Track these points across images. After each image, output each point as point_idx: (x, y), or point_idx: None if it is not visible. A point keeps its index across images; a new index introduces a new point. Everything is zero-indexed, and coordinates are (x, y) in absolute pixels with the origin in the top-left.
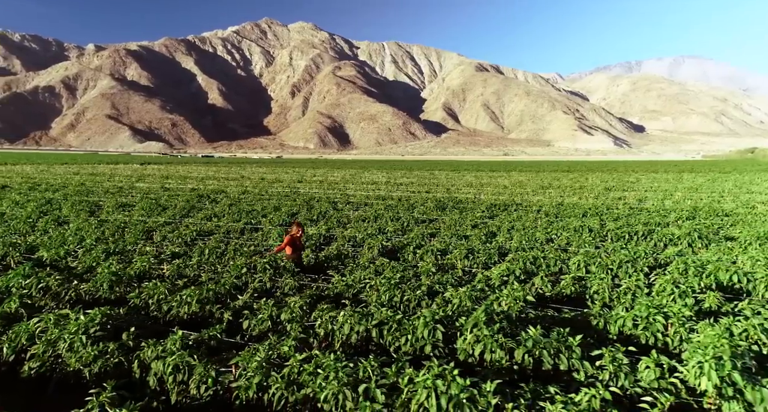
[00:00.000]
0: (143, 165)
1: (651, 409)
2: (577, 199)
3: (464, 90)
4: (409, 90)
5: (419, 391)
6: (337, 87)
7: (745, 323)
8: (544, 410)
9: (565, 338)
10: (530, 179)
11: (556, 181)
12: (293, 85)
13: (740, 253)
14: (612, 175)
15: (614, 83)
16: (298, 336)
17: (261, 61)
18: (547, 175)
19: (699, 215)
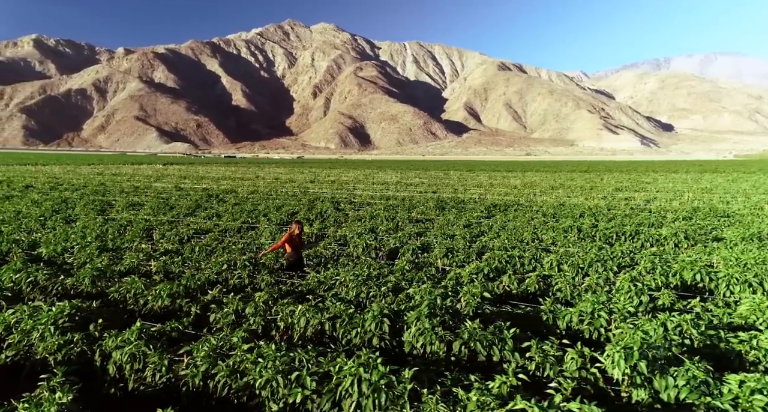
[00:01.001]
0: (165, 165)
1: (555, 393)
2: (584, 199)
3: (486, 89)
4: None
5: (346, 377)
6: (358, 87)
7: (678, 319)
8: (458, 395)
9: (501, 331)
10: (543, 180)
11: (569, 181)
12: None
13: (716, 253)
14: (629, 176)
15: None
16: (249, 328)
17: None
18: (563, 175)
19: (696, 216)
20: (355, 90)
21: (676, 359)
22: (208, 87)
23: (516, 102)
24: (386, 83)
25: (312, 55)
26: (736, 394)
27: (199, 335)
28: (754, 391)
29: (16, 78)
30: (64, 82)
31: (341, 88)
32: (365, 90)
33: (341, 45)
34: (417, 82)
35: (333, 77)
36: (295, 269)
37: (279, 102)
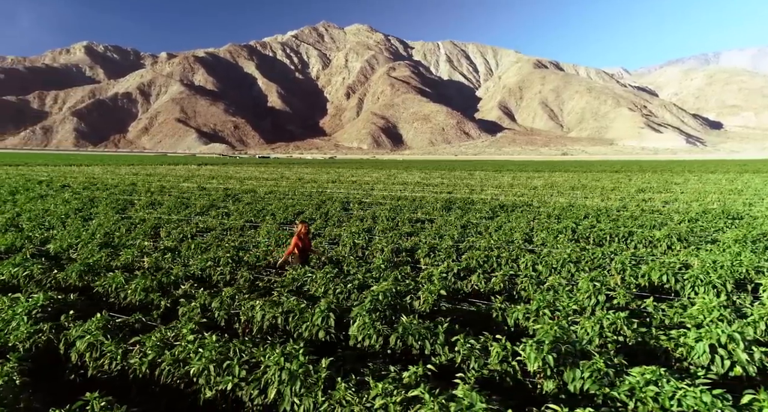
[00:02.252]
0: (200, 166)
1: (462, 383)
2: (599, 200)
3: (521, 88)
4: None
5: (270, 366)
6: (391, 88)
7: (613, 317)
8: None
9: (435, 326)
10: (567, 180)
11: (594, 182)
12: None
13: (701, 255)
14: (661, 176)
15: (688, 77)
16: (200, 320)
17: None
18: (590, 175)
19: (704, 218)
20: (388, 90)
21: (585, 354)
22: (245, 89)
23: (552, 100)
24: (419, 83)
25: (345, 56)
26: (633, 385)
27: (160, 326)
28: (649, 382)
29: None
30: (112, 86)
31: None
32: (398, 90)
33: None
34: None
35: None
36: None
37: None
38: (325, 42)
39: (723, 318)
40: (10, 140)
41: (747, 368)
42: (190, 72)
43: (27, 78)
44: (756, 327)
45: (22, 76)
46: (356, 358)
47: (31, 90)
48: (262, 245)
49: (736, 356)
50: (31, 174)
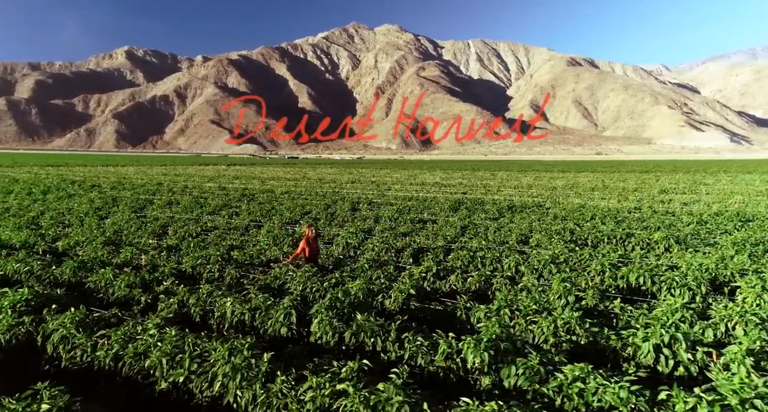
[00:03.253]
0: (229, 166)
1: (396, 377)
2: (616, 201)
3: (554, 86)
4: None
5: (218, 360)
6: (420, 87)
7: (567, 316)
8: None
9: (389, 324)
10: (591, 180)
11: (619, 182)
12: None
13: (691, 257)
14: (693, 177)
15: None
16: (168, 316)
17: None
18: (618, 176)
19: (714, 220)
20: (417, 90)
21: (519, 352)
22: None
23: (586, 99)
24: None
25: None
26: (561, 382)
27: (129, 321)
28: (576, 379)
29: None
30: (150, 89)
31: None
32: (427, 90)
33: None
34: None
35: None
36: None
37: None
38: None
39: (684, 320)
40: (57, 142)
41: (689, 367)
42: (224, 74)
43: (73, 83)
44: (716, 329)
45: (69, 81)
46: (309, 353)
47: (76, 94)
48: (261, 243)
49: (679, 356)
50: (68, 174)
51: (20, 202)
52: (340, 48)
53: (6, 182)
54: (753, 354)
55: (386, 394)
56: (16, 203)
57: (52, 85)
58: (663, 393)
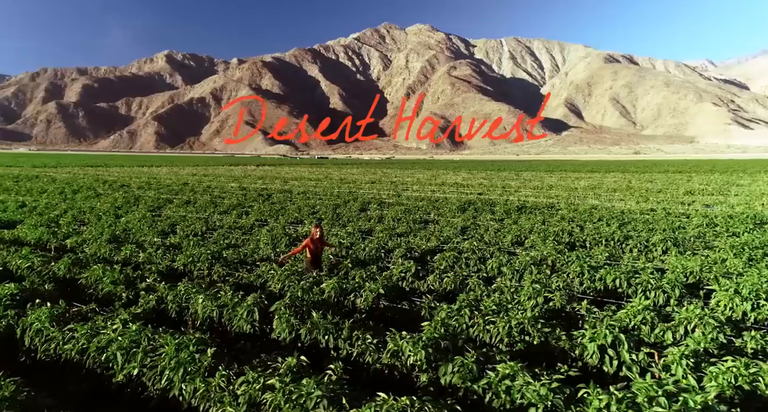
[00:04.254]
0: (258, 166)
1: (331, 373)
2: (634, 203)
3: (590, 84)
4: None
5: (167, 355)
6: (451, 87)
7: (521, 317)
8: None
9: (343, 322)
10: (617, 181)
11: (646, 183)
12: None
13: (675, 260)
14: (729, 177)
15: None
16: (144, 311)
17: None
18: (648, 176)
19: (726, 223)
20: (448, 90)
21: (459, 350)
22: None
23: (624, 96)
24: (480, 82)
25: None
26: (491, 380)
27: (98, 316)
28: (505, 377)
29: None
30: (188, 91)
31: (434, 89)
32: (458, 89)
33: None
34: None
35: (426, 78)
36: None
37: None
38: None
39: (645, 322)
40: (102, 143)
41: (632, 367)
42: (258, 76)
43: (116, 86)
44: (676, 331)
45: (113, 85)
46: (263, 349)
47: (119, 97)
48: (261, 242)
49: (622, 357)
50: (103, 175)
51: (49, 201)
52: (372, 48)
53: (44, 182)
54: (696, 355)
55: (307, 389)
56: (45, 202)
57: (97, 89)
58: (582, 391)
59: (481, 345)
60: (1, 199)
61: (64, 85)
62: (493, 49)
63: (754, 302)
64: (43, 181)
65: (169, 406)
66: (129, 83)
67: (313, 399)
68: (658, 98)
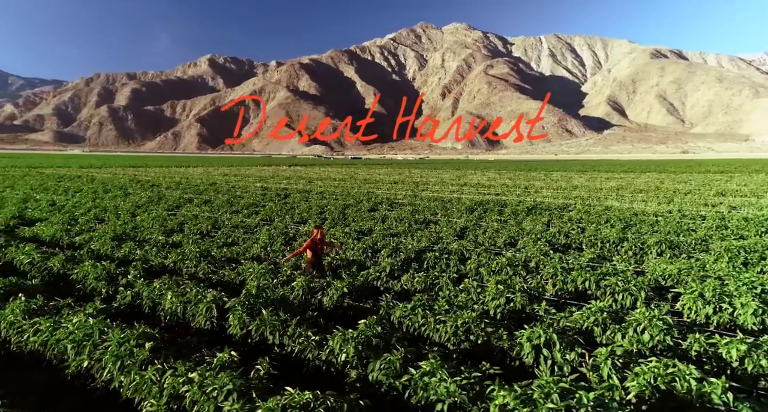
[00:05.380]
0: (290, 166)
1: (260, 368)
2: (656, 204)
3: (634, 80)
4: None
5: (110, 348)
6: (488, 86)
7: (467, 316)
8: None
9: (291, 319)
10: (648, 181)
11: (680, 183)
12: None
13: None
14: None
15: None
16: (111, 306)
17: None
18: (685, 176)
19: (736, 225)
20: (485, 89)
21: (389, 348)
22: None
23: (672, 93)
24: (518, 80)
25: (442, 56)
26: (412, 376)
27: (65, 310)
28: (425, 374)
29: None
30: (228, 94)
31: (470, 88)
32: (495, 88)
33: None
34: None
35: (462, 77)
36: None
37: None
38: (422, 43)
39: (598, 323)
40: (149, 145)
41: (564, 367)
42: (296, 78)
43: (162, 90)
44: (625, 333)
45: (159, 89)
46: (210, 344)
47: (165, 100)
48: (260, 241)
49: (555, 356)
50: (140, 175)
51: (79, 200)
52: (407, 48)
53: (83, 182)
54: (628, 355)
55: (220, 383)
56: (74, 201)
57: (145, 92)
58: (489, 388)
59: (432, 344)
60: (39, 197)
61: (115, 90)
62: (532, 46)
63: (716, 305)
64: (82, 181)
65: (111, 397)
66: (174, 87)
67: (224, 392)
68: (710, 94)
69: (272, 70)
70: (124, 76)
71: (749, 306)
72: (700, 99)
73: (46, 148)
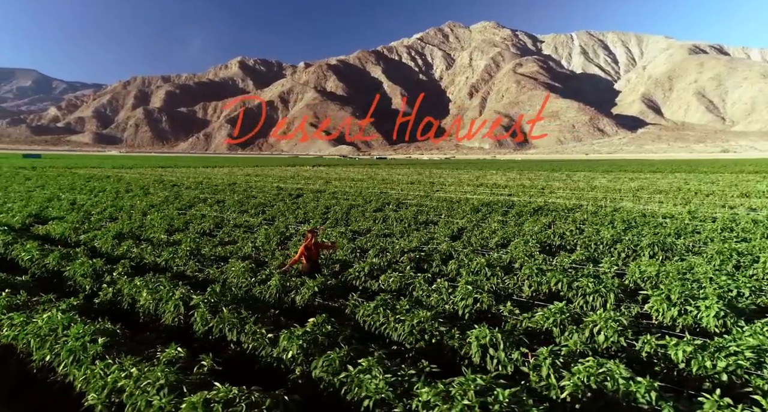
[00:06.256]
0: (313, 166)
1: (205, 363)
2: (671, 206)
3: (671, 77)
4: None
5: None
6: (516, 85)
7: (422, 315)
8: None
9: (248, 317)
10: (673, 182)
11: (704, 184)
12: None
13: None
14: None
15: None
16: (72, 303)
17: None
18: (713, 177)
19: (740, 228)
20: (513, 87)
21: (333, 346)
22: (371, 93)
23: (711, 90)
24: (548, 78)
25: (470, 55)
26: (349, 373)
27: (40, 306)
28: (363, 371)
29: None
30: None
31: (498, 87)
32: (524, 87)
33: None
34: (584, 75)
35: (490, 76)
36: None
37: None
38: (449, 42)
39: (557, 324)
40: (182, 145)
41: (507, 366)
42: (323, 79)
43: (195, 92)
44: (582, 334)
45: (192, 91)
46: (167, 339)
47: (197, 102)
48: (258, 240)
49: (499, 356)
50: (165, 175)
51: (99, 200)
52: (435, 48)
53: (109, 182)
54: (572, 355)
55: (153, 377)
56: (92, 201)
57: (179, 95)
58: (416, 386)
59: (391, 343)
60: (63, 197)
61: (150, 92)
62: (563, 44)
63: (681, 307)
64: (108, 182)
65: (67, 390)
66: (206, 88)
67: (156, 386)
68: (753, 91)
69: (300, 71)
70: (158, 79)
71: (712, 309)
72: (742, 96)
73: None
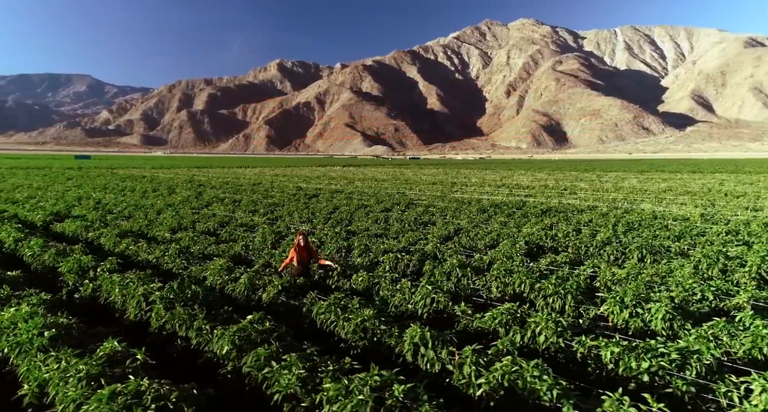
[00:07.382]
0: (343, 167)
1: (138, 359)
2: (692, 207)
3: (724, 72)
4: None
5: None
6: (556, 82)
7: (366, 314)
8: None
9: (199, 313)
10: (706, 183)
11: (739, 185)
12: (509, 84)
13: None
14: None
15: None
16: (42, 297)
17: (478, 63)
18: (756, 177)
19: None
20: (552, 85)
21: (263, 342)
22: (406, 93)
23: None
24: (589, 76)
25: (507, 54)
26: (272, 369)
27: (12, 302)
28: (284, 367)
29: (264, 96)
30: (295, 97)
31: (537, 85)
32: (563, 85)
33: (540, 39)
34: (628, 72)
35: (529, 74)
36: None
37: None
38: (486, 40)
39: (502, 324)
40: (222, 146)
41: (435, 364)
42: (359, 80)
43: (235, 94)
44: (525, 334)
45: (232, 93)
46: (124, 334)
47: (237, 104)
48: (256, 239)
49: (428, 354)
50: (197, 175)
51: (124, 199)
52: (471, 47)
53: (141, 182)
54: (498, 355)
55: (74, 369)
56: (118, 200)
57: (220, 97)
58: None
59: (340, 340)
60: (93, 196)
61: (194, 95)
62: (606, 40)
63: (633, 310)
64: (141, 181)
65: (15, 381)
66: (245, 91)
67: (76, 377)
68: None
69: (337, 72)
70: (201, 82)
71: (660, 311)
72: None
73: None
